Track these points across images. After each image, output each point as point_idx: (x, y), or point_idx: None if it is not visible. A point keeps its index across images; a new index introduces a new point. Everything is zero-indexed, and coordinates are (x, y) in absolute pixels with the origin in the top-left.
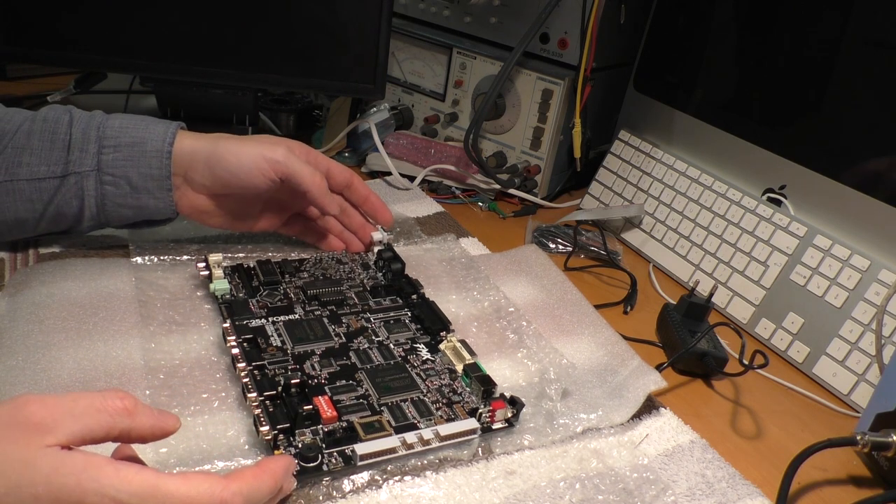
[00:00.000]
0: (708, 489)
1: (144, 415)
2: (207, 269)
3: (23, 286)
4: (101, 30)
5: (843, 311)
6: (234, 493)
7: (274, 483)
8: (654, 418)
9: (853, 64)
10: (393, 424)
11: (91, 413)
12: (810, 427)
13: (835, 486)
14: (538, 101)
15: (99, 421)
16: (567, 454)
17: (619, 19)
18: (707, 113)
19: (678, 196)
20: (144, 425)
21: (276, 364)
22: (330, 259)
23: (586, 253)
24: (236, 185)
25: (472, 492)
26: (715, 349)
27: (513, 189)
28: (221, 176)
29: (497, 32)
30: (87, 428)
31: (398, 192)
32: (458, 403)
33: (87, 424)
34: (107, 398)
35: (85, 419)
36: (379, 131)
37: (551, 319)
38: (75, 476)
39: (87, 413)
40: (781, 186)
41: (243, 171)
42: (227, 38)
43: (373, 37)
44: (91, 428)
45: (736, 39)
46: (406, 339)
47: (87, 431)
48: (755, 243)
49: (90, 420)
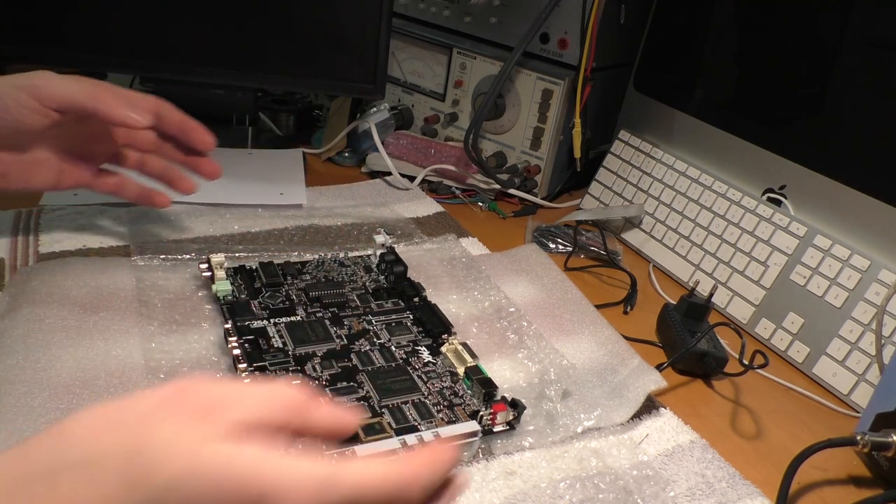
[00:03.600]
0: (708, 489)
1: (320, 413)
2: (210, 270)
3: (23, 286)
4: (101, 30)
5: (843, 311)
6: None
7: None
8: (654, 418)
9: (853, 64)
10: (394, 426)
11: (266, 403)
12: (810, 427)
13: (835, 486)
14: (538, 101)
15: (272, 412)
16: (567, 454)
17: (619, 19)
18: (707, 113)
19: (678, 196)
20: (320, 425)
21: (277, 365)
22: (332, 261)
23: (586, 253)
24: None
25: (472, 492)
26: (715, 349)
27: (513, 189)
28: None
29: (497, 32)
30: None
31: (398, 192)
32: (460, 406)
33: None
34: (290, 396)
35: (258, 411)
36: (379, 131)
37: (551, 319)
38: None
39: (263, 403)
40: (781, 186)
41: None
42: (227, 39)
43: (373, 37)
44: (267, 418)
45: (736, 39)
46: (407, 342)
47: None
48: (755, 243)
49: (264, 411)
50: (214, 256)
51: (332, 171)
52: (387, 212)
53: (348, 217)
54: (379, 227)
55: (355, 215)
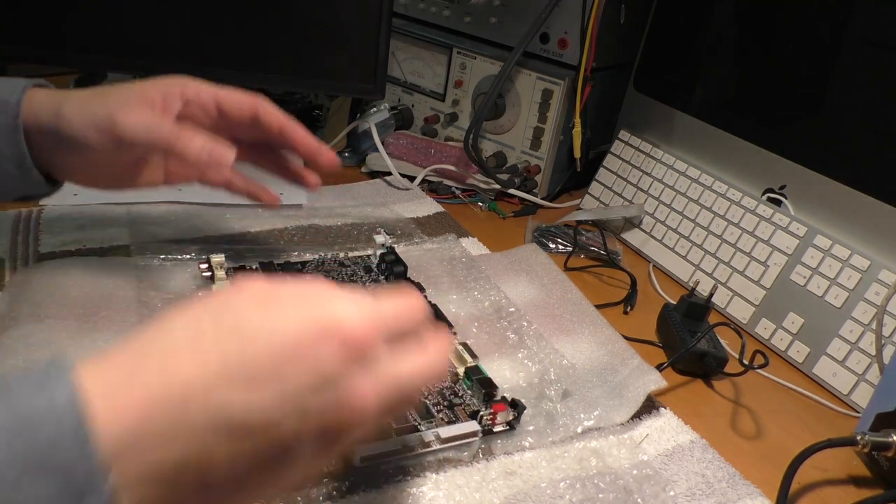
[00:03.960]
0: (708, 489)
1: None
2: (210, 270)
3: (23, 286)
4: (101, 30)
5: (843, 311)
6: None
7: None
8: (654, 418)
9: (853, 64)
10: (394, 426)
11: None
12: (810, 427)
13: (835, 486)
14: (538, 101)
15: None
16: (567, 454)
17: (619, 19)
18: (707, 113)
19: (678, 196)
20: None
21: None
22: (332, 261)
23: (586, 253)
24: (81, 148)
25: (473, 492)
26: (715, 349)
27: (513, 189)
28: (67, 139)
29: (497, 32)
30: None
31: (398, 192)
32: (460, 406)
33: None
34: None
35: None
36: (379, 131)
37: (551, 319)
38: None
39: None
40: (781, 186)
41: (90, 141)
42: (227, 39)
43: (373, 37)
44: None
45: (736, 39)
46: None
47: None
48: (755, 243)
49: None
50: (214, 256)
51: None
52: (387, 212)
53: (348, 217)
54: (379, 227)
55: (355, 215)
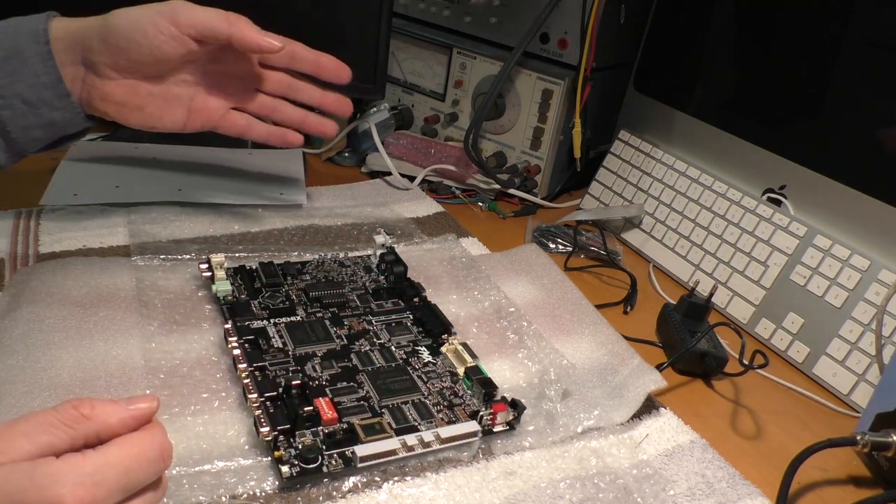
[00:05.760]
0: (708, 489)
1: (108, 412)
2: (210, 270)
3: (23, 286)
4: None
5: (843, 311)
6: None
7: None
8: (654, 418)
9: (853, 64)
10: (393, 426)
11: (45, 429)
12: (810, 427)
13: (835, 486)
14: (538, 101)
15: (57, 435)
16: (567, 454)
17: (619, 19)
18: (707, 113)
19: (678, 196)
20: (112, 421)
21: (277, 365)
22: (332, 261)
23: (586, 253)
24: (138, 55)
25: (472, 492)
26: (715, 349)
27: (513, 189)
28: (120, 46)
29: (497, 32)
30: (45, 444)
31: (398, 192)
32: (459, 406)
33: (45, 441)
34: (59, 410)
35: (40, 437)
36: (379, 131)
37: (551, 319)
38: (28, 476)
39: (40, 430)
40: (781, 186)
41: (139, 34)
42: None
43: (373, 37)
44: (51, 443)
45: (736, 39)
46: (407, 342)
47: (48, 446)
48: (755, 243)
49: (46, 437)
50: (214, 256)
51: (332, 171)
52: (387, 212)
53: (348, 217)
54: (379, 227)
55: (355, 215)
